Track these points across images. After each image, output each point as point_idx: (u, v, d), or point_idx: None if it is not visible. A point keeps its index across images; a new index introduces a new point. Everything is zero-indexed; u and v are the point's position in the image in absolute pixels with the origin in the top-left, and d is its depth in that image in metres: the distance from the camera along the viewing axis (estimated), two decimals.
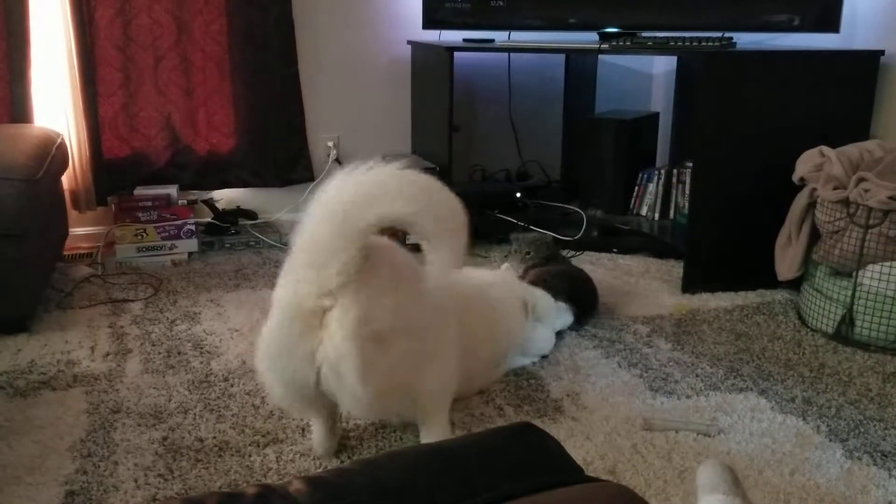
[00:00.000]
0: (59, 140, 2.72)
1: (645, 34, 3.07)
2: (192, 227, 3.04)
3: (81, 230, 3.16)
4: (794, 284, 2.62)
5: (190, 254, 3.04)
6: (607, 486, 0.86)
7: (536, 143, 3.82)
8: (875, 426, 1.86)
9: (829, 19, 2.82)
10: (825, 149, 2.42)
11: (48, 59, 2.96)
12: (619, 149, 3.42)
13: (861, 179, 2.25)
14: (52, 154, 2.52)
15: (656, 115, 3.67)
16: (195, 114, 3.23)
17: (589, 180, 3.51)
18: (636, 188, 3.46)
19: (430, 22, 3.21)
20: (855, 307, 2.29)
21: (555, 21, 3.24)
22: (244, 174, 3.35)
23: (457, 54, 3.00)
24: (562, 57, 3.66)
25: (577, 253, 3.08)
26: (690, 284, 2.72)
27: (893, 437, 1.81)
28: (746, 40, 3.08)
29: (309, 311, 1.45)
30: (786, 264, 2.56)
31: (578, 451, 1.72)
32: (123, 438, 1.77)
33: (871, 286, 2.25)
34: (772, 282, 2.66)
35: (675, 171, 3.37)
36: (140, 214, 2.99)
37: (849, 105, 2.69)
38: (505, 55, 3.63)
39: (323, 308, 1.44)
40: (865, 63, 2.69)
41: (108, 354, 2.20)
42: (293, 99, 3.36)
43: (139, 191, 3.08)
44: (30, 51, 2.86)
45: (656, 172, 3.41)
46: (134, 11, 3.04)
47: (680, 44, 2.82)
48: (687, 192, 3.25)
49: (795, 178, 2.49)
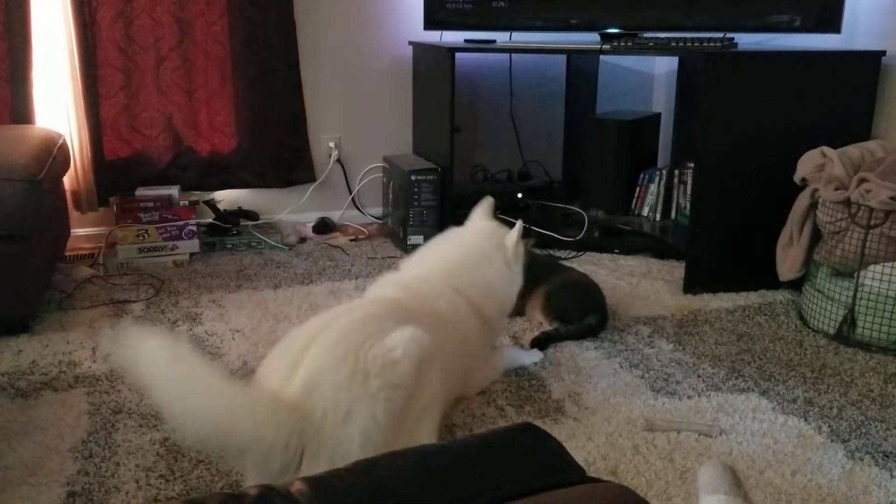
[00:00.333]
0: (61, 141, 2.72)
1: (646, 35, 3.07)
2: (194, 228, 3.04)
3: (83, 231, 3.17)
4: (796, 285, 2.62)
5: (191, 254, 3.05)
6: (609, 487, 0.86)
7: (538, 143, 3.82)
8: (877, 427, 1.85)
9: (831, 20, 2.82)
10: (826, 149, 2.42)
11: (50, 60, 2.97)
12: (620, 149, 3.42)
13: (862, 180, 2.25)
14: (53, 155, 2.52)
15: (658, 116, 3.67)
16: (197, 114, 3.23)
17: (590, 181, 3.52)
18: (638, 189, 3.47)
19: (431, 22, 3.21)
20: (856, 308, 2.28)
21: (556, 22, 3.24)
22: (246, 175, 3.35)
23: (458, 55, 3.00)
24: (563, 57, 3.66)
25: (579, 253, 3.09)
26: (692, 285, 2.72)
27: (895, 438, 1.80)
28: (748, 41, 3.08)
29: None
30: (787, 265, 2.56)
31: (580, 451, 1.72)
32: (125, 439, 1.77)
33: (873, 287, 2.25)
34: (773, 282, 2.66)
35: (676, 172, 3.37)
36: (141, 215, 2.99)
37: (850, 105, 2.69)
38: (506, 56, 3.63)
39: None
40: (867, 63, 2.69)
41: (109, 355, 2.20)
42: (295, 99, 3.37)
43: (141, 191, 3.08)
44: (31, 52, 2.86)
45: (658, 173, 3.42)
46: (135, 12, 3.04)
47: (681, 44, 2.82)
48: (688, 192, 3.25)
49: (797, 178, 2.49)
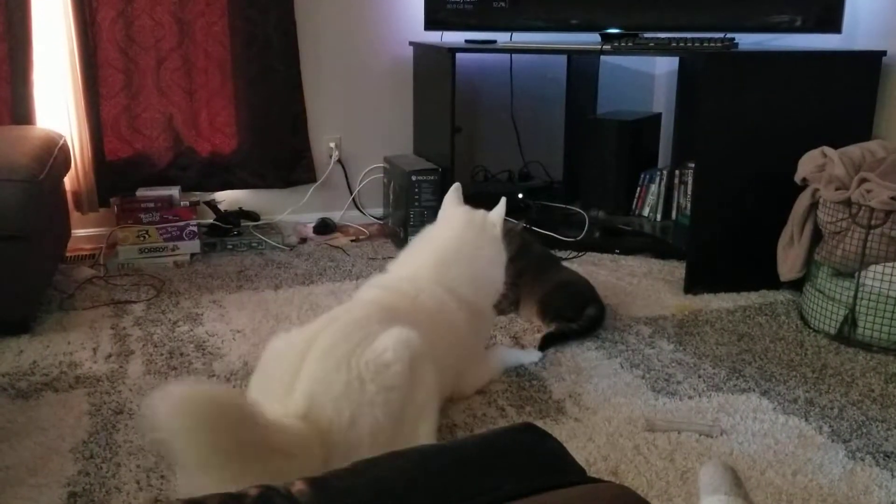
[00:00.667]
0: (62, 141, 2.72)
1: (647, 35, 3.07)
2: (195, 229, 3.04)
3: (84, 231, 3.17)
4: (797, 285, 2.62)
5: (192, 255, 3.05)
6: (609, 488, 0.86)
7: (538, 143, 3.82)
8: (877, 427, 1.85)
9: (831, 20, 2.82)
10: (827, 149, 2.42)
11: (50, 61, 2.97)
12: (621, 150, 3.42)
13: (863, 180, 2.24)
14: (54, 155, 2.52)
15: (658, 116, 3.67)
16: (197, 115, 3.23)
17: (591, 181, 3.52)
18: (638, 189, 3.46)
19: (431, 23, 3.21)
20: (857, 308, 2.28)
21: (557, 22, 3.24)
22: (246, 175, 3.35)
23: (459, 55, 3.00)
24: (564, 58, 3.66)
25: (580, 254, 3.09)
26: (692, 285, 2.71)
27: None
28: (748, 41, 3.08)
29: None
30: (788, 265, 2.56)
31: (580, 452, 1.72)
32: (126, 440, 1.77)
33: (874, 287, 2.25)
34: (774, 282, 2.66)
35: (677, 172, 3.37)
36: (142, 216, 2.99)
37: (851, 105, 2.69)
38: (507, 56, 3.63)
39: None
40: (867, 63, 2.69)
41: (110, 356, 2.20)
42: (295, 100, 3.37)
43: (141, 192, 3.08)
44: (32, 52, 2.87)
45: (658, 173, 3.42)
46: (136, 13, 3.05)
47: (682, 45, 2.81)
48: (689, 192, 3.25)
49: (797, 178, 2.49)
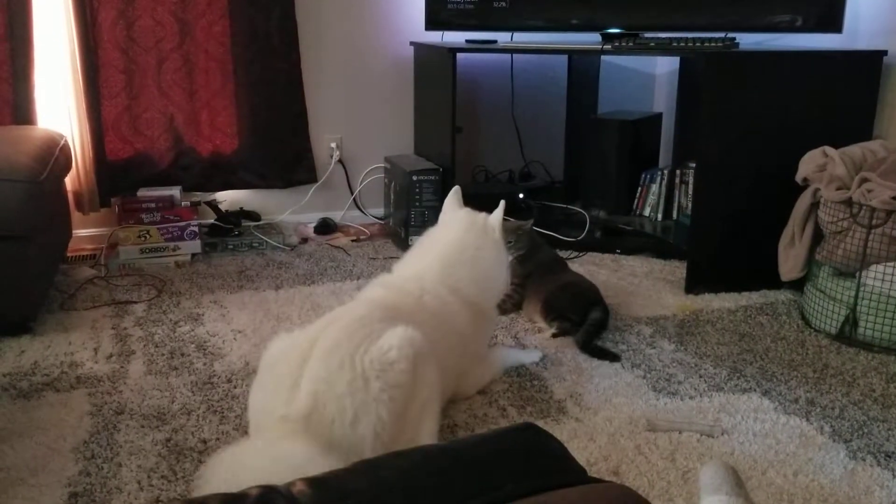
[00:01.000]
0: (63, 142, 2.72)
1: (647, 35, 3.07)
2: (196, 229, 3.04)
3: (85, 232, 3.17)
4: (798, 285, 2.62)
5: (193, 255, 3.05)
6: (610, 488, 0.86)
7: (539, 143, 3.82)
8: (879, 427, 1.85)
9: (832, 19, 2.82)
10: (828, 149, 2.42)
11: (51, 61, 2.97)
12: (622, 149, 3.42)
13: (864, 180, 2.24)
14: (55, 156, 2.52)
15: (659, 116, 3.66)
16: (198, 115, 3.23)
17: (592, 181, 3.51)
18: (639, 189, 3.46)
19: (432, 23, 3.21)
20: (858, 307, 2.28)
21: (557, 22, 3.24)
22: (247, 175, 3.35)
23: (459, 55, 3.00)
24: (564, 58, 3.66)
25: (581, 254, 3.09)
26: (693, 285, 2.71)
27: None
28: (749, 41, 3.08)
29: None
30: (789, 265, 2.56)
31: (581, 452, 1.72)
32: (127, 440, 1.77)
33: (875, 286, 2.25)
34: (775, 282, 2.65)
35: (678, 172, 3.36)
36: (143, 216, 2.99)
37: (852, 105, 2.69)
38: (508, 56, 3.63)
39: None
40: (868, 63, 2.69)
41: (111, 356, 2.20)
42: (296, 100, 3.37)
43: (142, 192, 3.08)
44: (33, 52, 2.87)
45: (659, 173, 3.41)
46: (137, 13, 3.05)
47: (683, 44, 2.81)
48: (690, 192, 3.25)
49: (798, 178, 2.48)
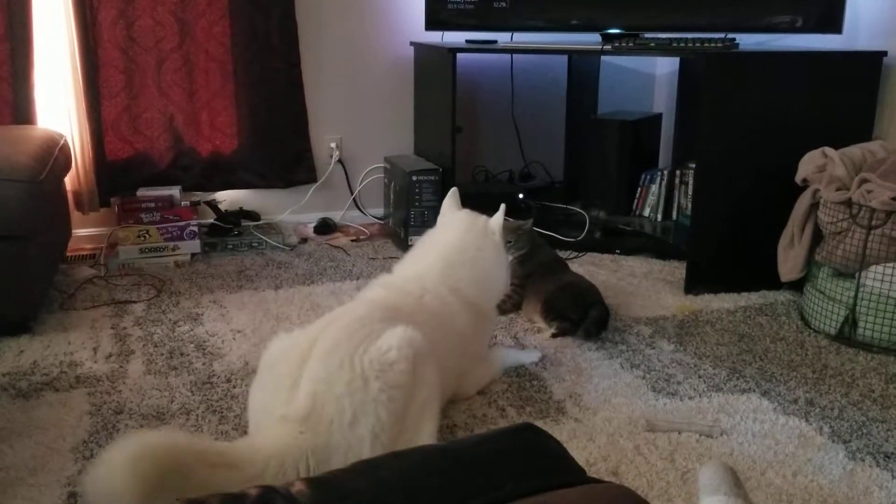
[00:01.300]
0: (63, 141, 2.72)
1: (647, 35, 3.07)
2: (195, 229, 3.04)
3: (84, 231, 3.17)
4: (797, 285, 2.62)
5: (193, 255, 3.05)
6: (609, 488, 0.86)
7: (539, 144, 3.82)
8: (878, 427, 1.85)
9: (832, 20, 2.82)
10: (828, 150, 2.42)
11: (51, 61, 2.97)
12: (621, 150, 3.42)
13: (864, 180, 2.24)
14: (55, 155, 2.52)
15: (659, 116, 3.67)
16: (198, 115, 3.23)
17: (592, 181, 3.52)
18: (639, 189, 3.46)
19: (432, 23, 3.21)
20: (858, 308, 2.28)
21: (557, 22, 3.24)
22: (247, 175, 3.35)
23: (459, 55, 3.00)
24: (564, 58, 3.66)
25: (580, 254, 3.09)
26: (693, 285, 2.71)
27: None
28: (749, 41, 3.08)
29: None
30: (788, 265, 2.56)
31: (581, 452, 1.72)
32: None
33: (874, 287, 2.25)
34: (774, 283, 2.65)
35: (677, 172, 3.37)
36: (143, 216, 2.99)
37: (851, 106, 2.69)
38: (508, 56, 3.64)
39: None
40: (868, 64, 2.69)
41: (110, 356, 2.20)
42: (296, 100, 3.37)
43: (142, 192, 3.08)
44: (33, 52, 2.87)
45: (659, 173, 3.41)
46: (137, 13, 3.05)
47: (683, 45, 2.81)
48: (690, 193, 3.25)
49: (798, 178, 2.48)
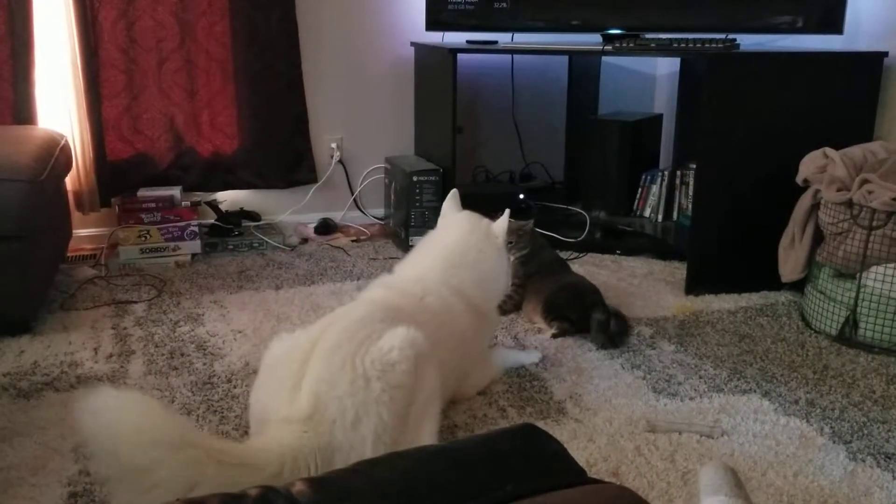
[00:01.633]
0: (63, 142, 2.72)
1: (648, 36, 3.07)
2: (196, 229, 3.04)
3: (85, 231, 3.17)
4: (798, 286, 2.61)
5: (193, 255, 3.05)
6: (610, 488, 0.86)
7: (540, 144, 3.82)
8: (879, 428, 1.85)
9: (833, 21, 2.82)
10: (829, 150, 2.42)
11: (52, 61, 2.97)
12: (622, 150, 3.42)
13: (865, 181, 2.24)
14: (55, 155, 2.52)
15: (660, 117, 3.66)
16: (199, 115, 3.23)
17: (592, 182, 3.51)
18: (639, 189, 3.46)
19: (433, 23, 3.21)
20: (858, 309, 2.28)
21: (558, 23, 3.24)
22: (248, 175, 3.35)
23: (460, 56, 3.00)
24: (565, 58, 3.66)
25: (581, 255, 3.08)
26: (694, 286, 2.71)
27: None
28: (750, 42, 3.08)
29: None
30: (789, 266, 2.56)
31: (581, 452, 1.72)
32: None
33: (875, 288, 2.25)
34: (775, 283, 2.65)
35: (678, 173, 3.37)
36: (143, 216, 2.99)
37: (852, 106, 2.69)
38: (508, 57, 3.63)
39: None
40: (869, 64, 2.68)
41: (111, 356, 2.20)
42: (296, 100, 3.37)
43: (143, 192, 3.08)
44: (33, 52, 2.87)
45: (660, 174, 3.41)
46: (137, 13, 3.05)
47: (683, 45, 2.81)
48: (690, 193, 3.25)
49: (799, 179, 2.48)
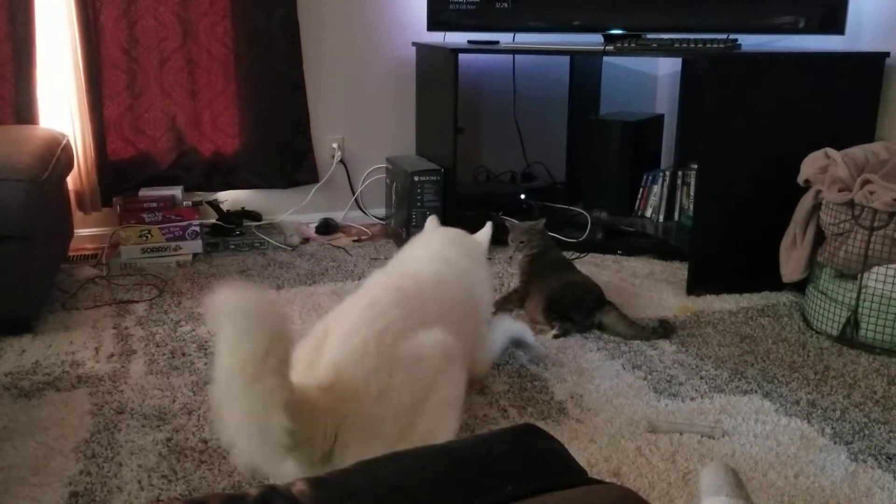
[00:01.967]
0: (65, 141, 2.72)
1: (649, 36, 3.07)
2: (197, 229, 3.04)
3: (86, 231, 3.17)
4: (799, 286, 2.61)
5: (194, 255, 3.05)
6: (611, 489, 0.86)
7: (541, 144, 3.82)
8: (880, 429, 1.85)
9: (835, 21, 2.82)
10: (830, 151, 2.42)
11: (53, 61, 2.97)
12: (623, 150, 3.42)
13: (866, 181, 2.24)
14: (57, 155, 2.52)
15: (661, 117, 3.66)
16: (200, 115, 3.23)
17: (593, 182, 3.51)
18: (641, 190, 3.46)
19: (434, 23, 3.21)
20: (860, 309, 2.28)
21: (559, 23, 3.24)
22: (249, 175, 3.35)
23: (461, 56, 3.00)
24: (566, 59, 3.66)
25: (582, 255, 3.08)
26: (695, 286, 2.71)
27: None
28: (751, 42, 3.08)
29: None
30: (790, 266, 2.56)
31: (582, 453, 1.72)
32: (127, 440, 1.77)
33: (876, 288, 2.25)
34: (776, 284, 2.65)
35: (679, 173, 3.36)
36: (145, 216, 2.99)
37: (854, 107, 2.68)
38: (510, 57, 3.63)
39: None
40: (871, 65, 2.68)
41: (112, 355, 2.20)
42: (298, 100, 3.37)
43: (144, 192, 3.08)
44: (35, 52, 2.87)
45: (661, 174, 3.41)
46: (139, 13, 3.05)
47: (685, 45, 2.81)
48: (691, 193, 3.25)
49: (800, 179, 2.48)
